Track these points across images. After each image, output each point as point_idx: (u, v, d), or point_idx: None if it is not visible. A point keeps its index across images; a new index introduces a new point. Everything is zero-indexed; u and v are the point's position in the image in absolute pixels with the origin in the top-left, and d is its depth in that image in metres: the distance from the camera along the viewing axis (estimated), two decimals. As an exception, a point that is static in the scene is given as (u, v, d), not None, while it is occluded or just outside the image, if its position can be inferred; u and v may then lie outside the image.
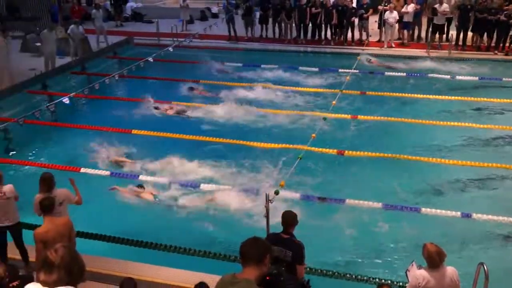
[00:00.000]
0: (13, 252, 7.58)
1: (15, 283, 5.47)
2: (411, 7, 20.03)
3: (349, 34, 21.18)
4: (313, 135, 10.73)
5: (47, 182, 7.03)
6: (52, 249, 2.97)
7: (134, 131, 12.85)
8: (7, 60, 16.14)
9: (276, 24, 21.90)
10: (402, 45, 20.81)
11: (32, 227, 7.29)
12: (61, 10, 24.31)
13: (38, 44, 19.01)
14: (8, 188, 7.27)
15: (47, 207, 6.40)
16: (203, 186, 10.20)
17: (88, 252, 6.57)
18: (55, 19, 22.81)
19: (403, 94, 15.43)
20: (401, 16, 20.15)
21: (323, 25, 21.21)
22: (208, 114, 14.08)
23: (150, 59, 15.67)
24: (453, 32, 19.98)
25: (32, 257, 7.27)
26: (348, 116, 13.56)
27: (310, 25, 21.34)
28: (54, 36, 17.91)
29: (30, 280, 5.84)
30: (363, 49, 19.55)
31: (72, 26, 19.13)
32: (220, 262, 7.90)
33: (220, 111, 14.14)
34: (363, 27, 20.85)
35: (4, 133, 11.11)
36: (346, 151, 11.57)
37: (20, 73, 16.91)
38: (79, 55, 19.09)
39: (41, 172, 7.44)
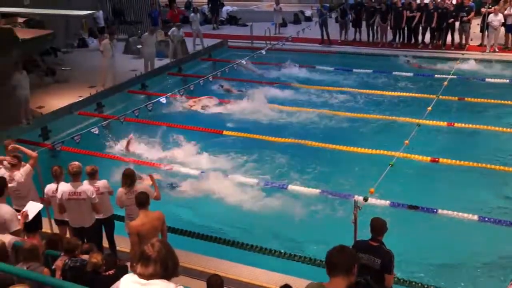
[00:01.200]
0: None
1: (110, 272, 5.78)
2: (515, 9, 18.85)
3: (448, 38, 20.30)
4: (406, 141, 10.38)
5: (129, 177, 7.40)
6: (149, 244, 3.10)
7: (225, 132, 13.16)
8: (112, 62, 17.11)
9: (370, 27, 21.49)
10: (506, 49, 19.63)
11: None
12: (161, 14, 25.43)
13: (139, 46, 20.02)
14: (102, 183, 7.71)
15: (142, 202, 6.73)
16: (291, 188, 10.22)
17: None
18: (155, 23, 23.90)
19: (505, 102, 14.51)
20: (505, 19, 19.03)
21: (420, 28, 20.53)
22: (297, 117, 14.10)
23: (244, 61, 15.95)
24: None
25: (125, 248, 7.66)
26: (444, 124, 13.00)
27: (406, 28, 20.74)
28: (154, 39, 18.77)
29: (125, 269, 6.17)
30: (462, 54, 18.64)
31: (173, 28, 19.96)
32: (305, 266, 7.88)
33: (309, 115, 14.12)
34: (464, 30, 19.90)
35: (105, 129, 11.73)
36: (441, 159, 11.12)
37: (123, 74, 17.90)
38: (177, 57, 19.86)
39: (136, 167, 7.83)
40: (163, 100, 12.68)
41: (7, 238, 6.22)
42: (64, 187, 7.42)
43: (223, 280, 5.64)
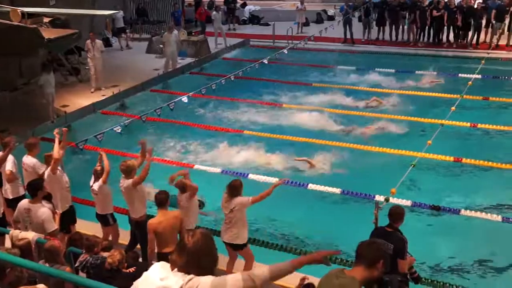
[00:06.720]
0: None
1: (131, 269, 5.83)
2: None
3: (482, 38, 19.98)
4: (429, 141, 10.29)
5: (229, 188, 7.19)
6: (190, 233, 2.95)
7: (246, 132, 13.18)
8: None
9: (394, 26, 21.24)
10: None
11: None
12: (183, 14, 25.54)
13: (161, 45, 20.15)
14: (125, 182, 7.66)
15: (161, 202, 6.80)
16: (311, 186, 10.18)
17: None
18: (178, 22, 24.04)
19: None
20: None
21: (445, 27, 20.24)
22: (316, 117, 14.00)
23: (265, 61, 15.95)
24: None
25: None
26: (468, 124, 12.80)
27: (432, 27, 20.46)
28: (173, 38, 18.77)
29: (146, 266, 6.22)
30: (488, 53, 18.32)
31: (165, 33, 19.20)
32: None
33: (329, 114, 14.03)
34: (498, 29, 19.46)
35: (126, 128, 11.83)
36: (464, 159, 10.97)
37: (145, 73, 18.06)
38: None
39: (156, 165, 7.80)
40: (184, 99, 12.76)
41: (30, 235, 6.33)
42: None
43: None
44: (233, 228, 7.15)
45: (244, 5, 28.45)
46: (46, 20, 16.48)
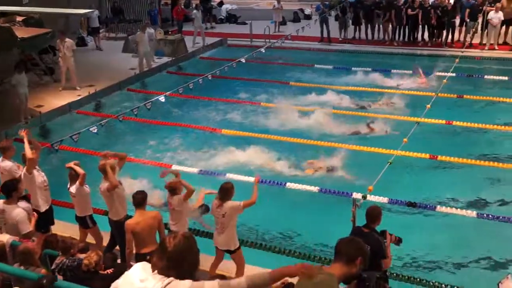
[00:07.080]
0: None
1: (109, 271, 5.77)
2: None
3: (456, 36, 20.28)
4: (405, 139, 10.39)
5: (221, 191, 7.07)
6: (172, 235, 2.94)
7: (224, 131, 13.14)
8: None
9: (369, 25, 21.41)
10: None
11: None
12: (160, 13, 25.35)
13: (135, 45, 19.95)
14: (103, 185, 7.62)
15: (139, 202, 6.73)
16: (289, 185, 10.20)
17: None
18: (155, 21, 23.84)
19: (503, 99, 14.51)
20: None
21: (420, 26, 20.49)
22: (293, 115, 14.00)
23: (243, 60, 15.94)
24: None
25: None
26: (443, 122, 12.98)
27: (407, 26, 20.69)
28: (147, 37, 18.60)
29: (124, 267, 6.17)
30: (462, 51, 18.57)
31: (139, 32, 18.92)
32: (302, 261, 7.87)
33: (307, 113, 14.07)
34: (471, 28, 19.78)
35: (102, 128, 11.67)
36: (439, 156, 11.12)
37: (121, 72, 17.87)
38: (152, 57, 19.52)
39: (133, 165, 7.72)
40: (162, 98, 12.66)
41: (5, 238, 6.21)
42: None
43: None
44: (225, 233, 7.02)
45: (221, 4, 28.39)
46: (19, 19, 16.22)
